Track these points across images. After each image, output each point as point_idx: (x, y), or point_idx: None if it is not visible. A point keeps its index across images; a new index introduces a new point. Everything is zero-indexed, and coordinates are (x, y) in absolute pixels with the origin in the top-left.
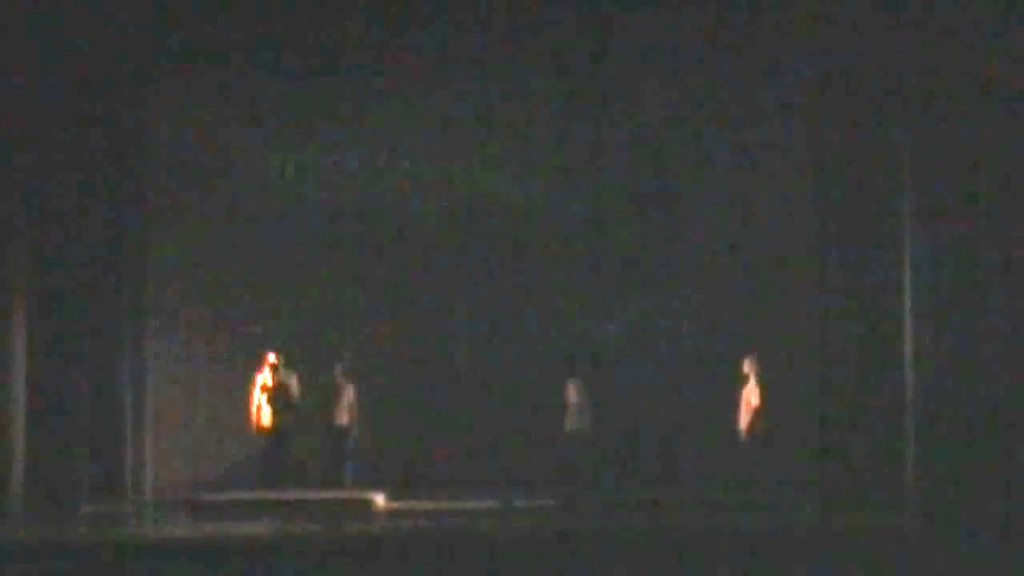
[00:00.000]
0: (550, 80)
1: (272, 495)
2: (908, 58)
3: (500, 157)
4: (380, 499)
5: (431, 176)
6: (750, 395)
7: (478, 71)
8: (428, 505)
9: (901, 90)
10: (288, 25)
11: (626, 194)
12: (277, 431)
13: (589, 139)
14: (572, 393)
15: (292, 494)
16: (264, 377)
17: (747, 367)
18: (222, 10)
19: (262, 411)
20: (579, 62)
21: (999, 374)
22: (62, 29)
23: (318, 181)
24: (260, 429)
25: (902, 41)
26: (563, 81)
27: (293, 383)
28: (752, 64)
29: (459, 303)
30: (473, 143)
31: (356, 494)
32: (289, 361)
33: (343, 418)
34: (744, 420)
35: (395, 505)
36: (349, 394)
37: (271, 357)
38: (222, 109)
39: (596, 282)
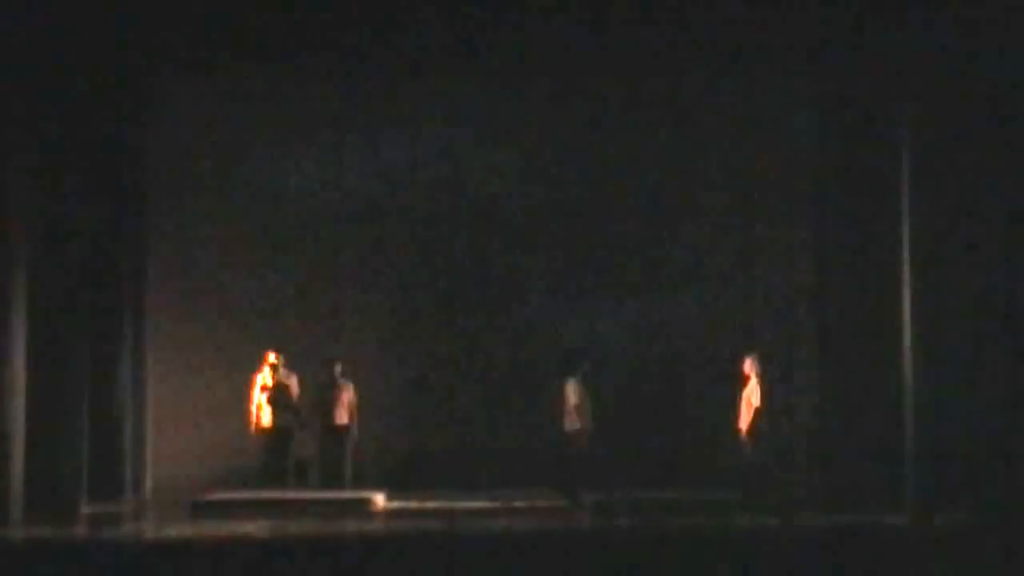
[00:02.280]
0: (550, 81)
1: (272, 495)
2: (908, 58)
3: (501, 157)
4: (380, 499)
5: (432, 176)
6: (751, 395)
7: (479, 71)
8: (428, 505)
9: (901, 90)
10: (288, 26)
11: (626, 194)
12: (277, 431)
13: (589, 139)
14: (571, 393)
15: (292, 494)
16: (264, 377)
17: (747, 367)
18: (223, 10)
19: (262, 411)
20: (578, 62)
21: (999, 374)
22: (62, 29)
23: (319, 181)
24: (260, 429)
25: (902, 41)
26: (563, 82)
27: (293, 383)
28: (752, 63)
29: (459, 303)
30: (474, 144)
31: (356, 494)
32: (289, 361)
33: (343, 418)
34: (744, 420)
35: (395, 505)
36: (349, 394)
37: (271, 357)
38: (223, 110)
39: (596, 282)
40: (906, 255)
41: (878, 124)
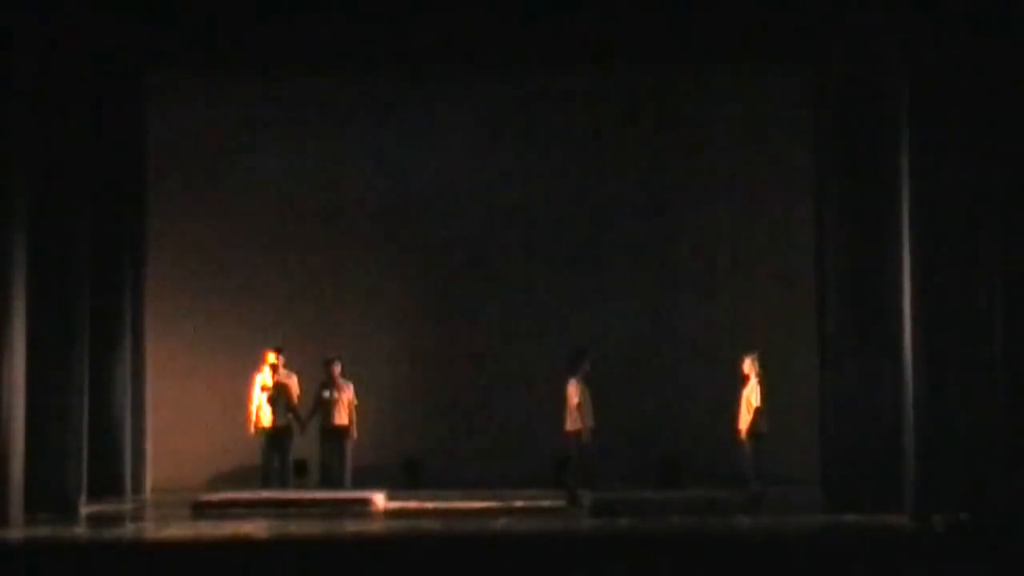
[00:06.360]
0: (550, 81)
1: (272, 495)
2: (909, 57)
3: (500, 157)
4: (380, 499)
5: (431, 176)
6: (750, 395)
7: (477, 72)
8: (428, 505)
9: (901, 89)
10: (288, 25)
11: (627, 194)
12: (277, 431)
13: (589, 139)
14: (573, 393)
15: (292, 494)
16: (264, 377)
17: (747, 367)
18: (223, 10)
19: (262, 411)
20: (579, 62)
21: (1000, 373)
22: (61, 28)
23: (318, 181)
24: (260, 429)
25: (903, 39)
26: (563, 82)
27: (293, 383)
28: (751, 62)
29: (460, 303)
30: (474, 144)
31: (356, 494)
32: (289, 361)
33: (343, 418)
34: (744, 420)
35: (395, 505)
36: (349, 394)
37: (271, 357)
38: (222, 109)
39: (596, 282)
40: (906, 255)
41: (878, 124)
